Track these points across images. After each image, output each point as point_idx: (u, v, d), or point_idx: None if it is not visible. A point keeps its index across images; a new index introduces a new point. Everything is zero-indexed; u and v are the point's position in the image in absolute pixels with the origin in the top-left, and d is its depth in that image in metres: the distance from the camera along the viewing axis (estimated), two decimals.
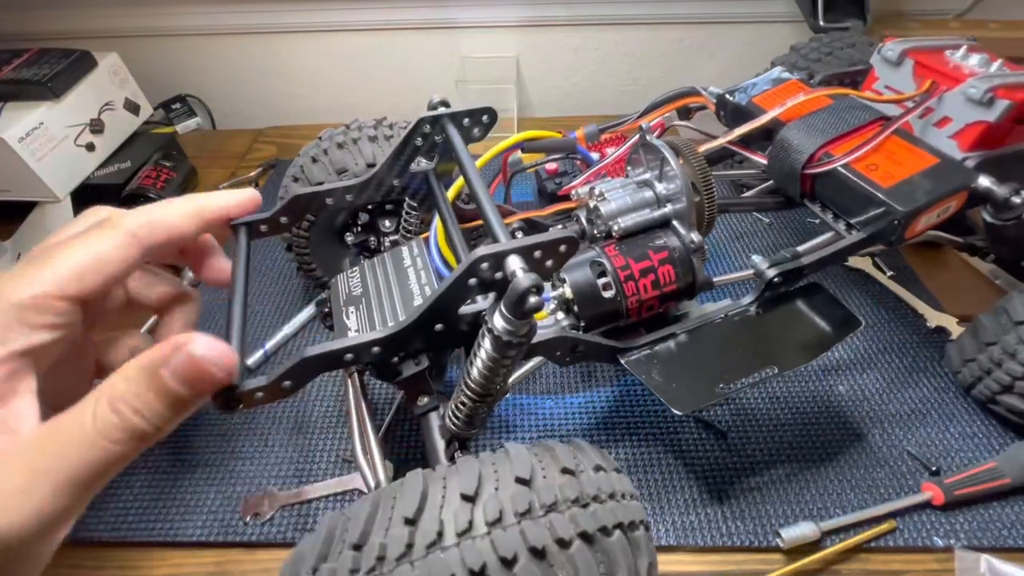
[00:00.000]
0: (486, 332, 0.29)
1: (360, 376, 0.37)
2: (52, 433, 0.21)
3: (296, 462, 0.46)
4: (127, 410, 0.21)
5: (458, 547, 0.22)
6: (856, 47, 0.62)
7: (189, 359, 0.22)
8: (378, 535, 0.23)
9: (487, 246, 0.27)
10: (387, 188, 0.39)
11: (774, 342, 0.39)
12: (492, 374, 0.30)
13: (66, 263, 0.23)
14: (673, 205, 0.40)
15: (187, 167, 0.77)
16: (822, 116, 0.46)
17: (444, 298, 0.29)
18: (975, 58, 0.46)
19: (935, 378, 0.50)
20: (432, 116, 0.38)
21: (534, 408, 0.49)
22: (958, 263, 0.61)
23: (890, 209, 0.40)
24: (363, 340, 0.30)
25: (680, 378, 0.37)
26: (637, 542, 0.26)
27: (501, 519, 0.23)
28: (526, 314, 0.27)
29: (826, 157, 0.44)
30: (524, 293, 0.26)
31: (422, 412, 0.35)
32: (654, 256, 0.38)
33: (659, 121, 0.53)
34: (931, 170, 0.42)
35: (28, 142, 0.65)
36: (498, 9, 0.86)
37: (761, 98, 0.51)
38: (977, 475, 0.42)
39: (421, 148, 0.39)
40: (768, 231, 0.66)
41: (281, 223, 0.34)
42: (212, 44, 0.89)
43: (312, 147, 0.51)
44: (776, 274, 0.40)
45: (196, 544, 0.42)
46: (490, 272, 0.28)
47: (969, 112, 0.43)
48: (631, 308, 0.38)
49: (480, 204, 0.33)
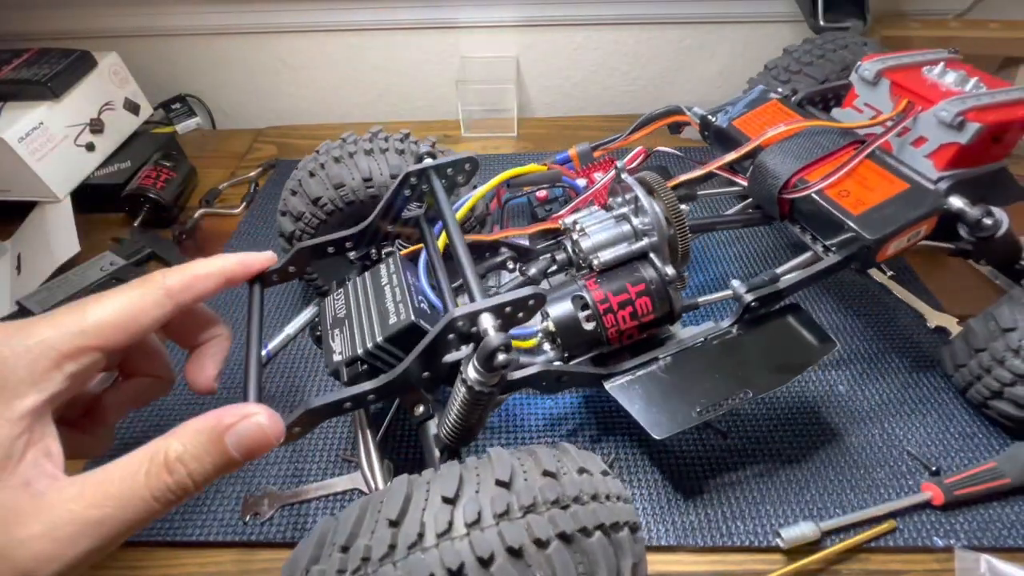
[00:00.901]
0: (461, 382, 0.32)
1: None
2: (99, 485, 0.21)
3: (295, 462, 0.46)
4: (183, 471, 0.22)
5: (437, 548, 0.23)
6: (849, 48, 0.62)
7: (258, 430, 0.24)
8: (364, 537, 0.24)
9: (463, 307, 0.31)
10: (383, 234, 0.43)
11: (751, 365, 0.41)
12: (467, 416, 0.33)
13: (105, 313, 0.24)
14: (648, 239, 0.41)
15: (187, 167, 0.77)
16: (798, 141, 0.47)
17: (427, 351, 0.32)
18: (952, 76, 0.46)
19: (935, 378, 0.50)
20: (417, 169, 0.41)
21: (534, 408, 0.49)
22: (958, 263, 0.61)
23: (858, 236, 0.41)
24: (359, 391, 0.32)
25: (660, 403, 0.39)
26: (620, 543, 0.26)
27: (479, 520, 0.24)
28: (495, 369, 0.30)
29: (801, 183, 0.45)
30: (493, 351, 0.29)
31: (419, 421, 0.36)
32: (632, 289, 0.40)
33: (640, 149, 0.54)
34: (900, 196, 0.43)
35: (28, 142, 0.66)
36: (498, 9, 0.86)
37: (741, 121, 0.52)
38: (977, 475, 0.41)
39: (411, 197, 0.42)
40: (756, 236, 0.66)
41: (289, 272, 0.37)
42: (212, 44, 0.89)
43: (310, 161, 0.52)
44: (753, 299, 0.41)
45: (196, 544, 0.42)
46: (466, 327, 0.31)
47: (942, 134, 0.43)
48: (612, 338, 0.40)
49: (457, 260, 0.36)
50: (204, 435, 0.23)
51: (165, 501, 0.22)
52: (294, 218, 0.51)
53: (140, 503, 0.21)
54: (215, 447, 0.23)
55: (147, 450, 0.22)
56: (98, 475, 0.21)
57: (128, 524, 0.21)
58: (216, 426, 0.23)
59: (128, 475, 0.21)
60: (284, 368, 0.54)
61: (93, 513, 0.21)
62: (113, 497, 0.21)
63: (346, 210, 0.50)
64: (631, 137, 0.56)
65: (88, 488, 0.21)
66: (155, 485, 0.21)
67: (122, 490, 0.21)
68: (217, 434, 0.23)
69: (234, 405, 0.24)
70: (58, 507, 0.20)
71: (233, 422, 0.23)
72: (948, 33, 0.81)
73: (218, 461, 0.23)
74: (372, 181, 0.49)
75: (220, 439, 0.23)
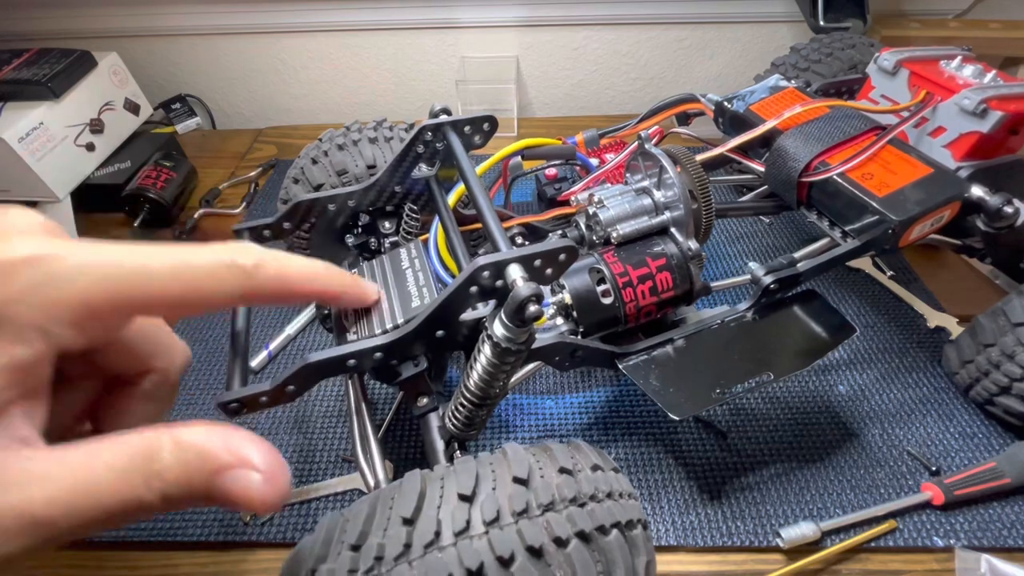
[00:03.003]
0: (486, 339, 0.29)
1: (360, 376, 0.37)
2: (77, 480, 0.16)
3: (296, 462, 0.46)
4: (158, 486, 0.17)
5: (455, 547, 0.22)
6: (856, 47, 0.62)
7: (246, 492, 0.18)
8: (376, 535, 0.23)
9: (488, 255, 0.28)
10: (389, 193, 0.40)
11: (770, 348, 0.39)
12: (491, 379, 0.31)
13: (163, 278, 0.19)
14: (671, 212, 0.40)
15: (187, 167, 0.77)
16: (818, 125, 0.47)
17: (445, 305, 0.29)
18: (969, 68, 0.46)
19: (935, 378, 0.50)
20: (434, 124, 0.39)
21: (534, 408, 0.49)
22: (958, 263, 0.61)
23: (884, 218, 0.41)
24: (365, 346, 0.30)
25: (677, 383, 0.37)
26: (635, 541, 0.26)
27: (498, 519, 0.23)
28: (526, 322, 0.27)
29: (822, 166, 0.44)
30: (524, 302, 0.26)
31: (421, 413, 0.35)
32: (652, 263, 0.39)
33: (657, 128, 0.53)
34: (925, 180, 0.42)
35: (28, 142, 0.65)
36: (498, 9, 0.86)
37: (759, 106, 0.52)
38: (977, 475, 0.42)
39: (423, 155, 0.40)
40: (768, 232, 0.66)
41: (284, 228, 0.35)
42: (212, 44, 0.89)
43: (312, 148, 0.52)
44: (772, 281, 0.40)
45: (196, 544, 0.42)
46: (491, 280, 0.28)
47: (963, 123, 0.43)
48: (629, 314, 0.39)
49: (481, 212, 0.33)
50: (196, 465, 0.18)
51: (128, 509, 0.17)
52: None
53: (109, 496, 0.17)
54: (203, 479, 0.18)
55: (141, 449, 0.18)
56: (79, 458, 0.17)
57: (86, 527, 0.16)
58: (216, 465, 0.18)
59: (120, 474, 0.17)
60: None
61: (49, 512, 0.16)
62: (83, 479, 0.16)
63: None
64: (642, 124, 0.55)
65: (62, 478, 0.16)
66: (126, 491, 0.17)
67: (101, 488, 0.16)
68: (207, 472, 0.18)
69: (242, 435, 0.19)
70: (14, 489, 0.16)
71: (230, 464, 0.18)
72: (948, 33, 0.81)
73: (202, 493, 0.18)
74: (376, 168, 0.49)
75: (213, 477, 0.18)
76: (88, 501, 0.16)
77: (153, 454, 0.18)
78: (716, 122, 0.55)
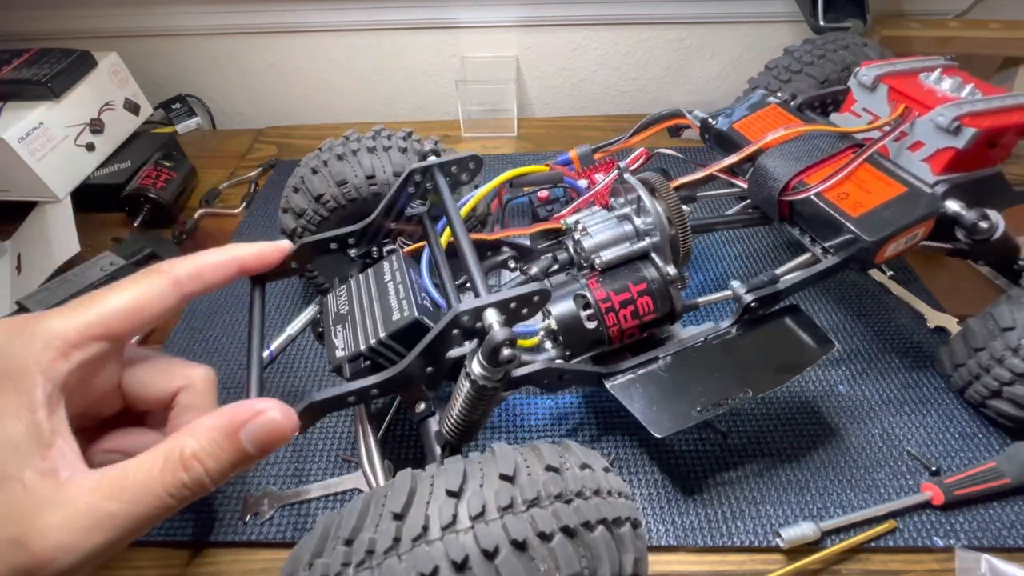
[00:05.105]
0: (465, 376, 0.32)
1: None
2: (115, 479, 0.21)
3: (295, 461, 0.46)
4: (199, 468, 0.22)
5: (442, 540, 0.23)
6: (849, 48, 0.62)
7: (273, 424, 0.24)
8: (368, 531, 0.24)
9: (468, 301, 0.31)
10: (385, 232, 0.43)
11: (750, 365, 0.41)
12: (472, 411, 0.33)
13: (111, 303, 0.24)
14: (651, 239, 0.42)
15: (187, 167, 0.77)
16: (798, 144, 0.47)
17: (431, 346, 0.32)
18: (948, 82, 0.46)
19: (935, 378, 0.50)
20: (423, 167, 0.41)
21: (534, 407, 0.49)
22: (958, 263, 0.61)
23: (857, 238, 0.41)
24: (363, 385, 0.32)
25: (660, 402, 0.39)
26: (622, 538, 0.27)
27: (484, 513, 0.24)
28: (500, 364, 0.30)
29: (800, 186, 0.45)
30: (499, 346, 0.29)
31: (421, 418, 0.36)
32: (633, 288, 0.40)
33: (642, 151, 0.54)
34: (898, 199, 0.43)
35: (28, 142, 0.66)
36: (498, 9, 0.86)
37: (742, 124, 0.52)
38: (977, 475, 0.41)
39: (414, 195, 0.42)
40: (756, 237, 0.66)
41: (291, 268, 0.37)
42: (212, 44, 0.89)
43: (312, 158, 0.52)
44: (753, 299, 0.41)
45: (196, 544, 0.42)
46: (471, 323, 0.31)
47: (938, 139, 0.43)
48: (613, 336, 0.40)
49: (462, 257, 0.36)
50: (219, 431, 0.23)
51: (180, 497, 0.22)
52: (296, 215, 0.52)
53: (155, 499, 0.21)
54: (230, 443, 0.23)
55: (163, 447, 0.22)
56: (115, 469, 0.22)
57: (141, 520, 0.21)
58: (230, 423, 0.23)
59: (144, 471, 0.22)
60: (285, 368, 0.54)
61: (109, 506, 0.21)
62: (129, 491, 0.21)
63: (348, 207, 0.50)
64: (632, 139, 0.56)
65: (105, 481, 0.21)
66: (170, 481, 0.22)
67: (137, 485, 0.21)
68: (232, 430, 0.23)
69: (245, 401, 0.24)
70: (77, 498, 0.20)
71: (247, 418, 0.23)
72: (948, 33, 0.81)
73: (234, 457, 0.23)
74: (375, 178, 0.49)
75: (235, 435, 0.23)
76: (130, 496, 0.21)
77: (179, 448, 0.22)
78: (702, 137, 0.56)
